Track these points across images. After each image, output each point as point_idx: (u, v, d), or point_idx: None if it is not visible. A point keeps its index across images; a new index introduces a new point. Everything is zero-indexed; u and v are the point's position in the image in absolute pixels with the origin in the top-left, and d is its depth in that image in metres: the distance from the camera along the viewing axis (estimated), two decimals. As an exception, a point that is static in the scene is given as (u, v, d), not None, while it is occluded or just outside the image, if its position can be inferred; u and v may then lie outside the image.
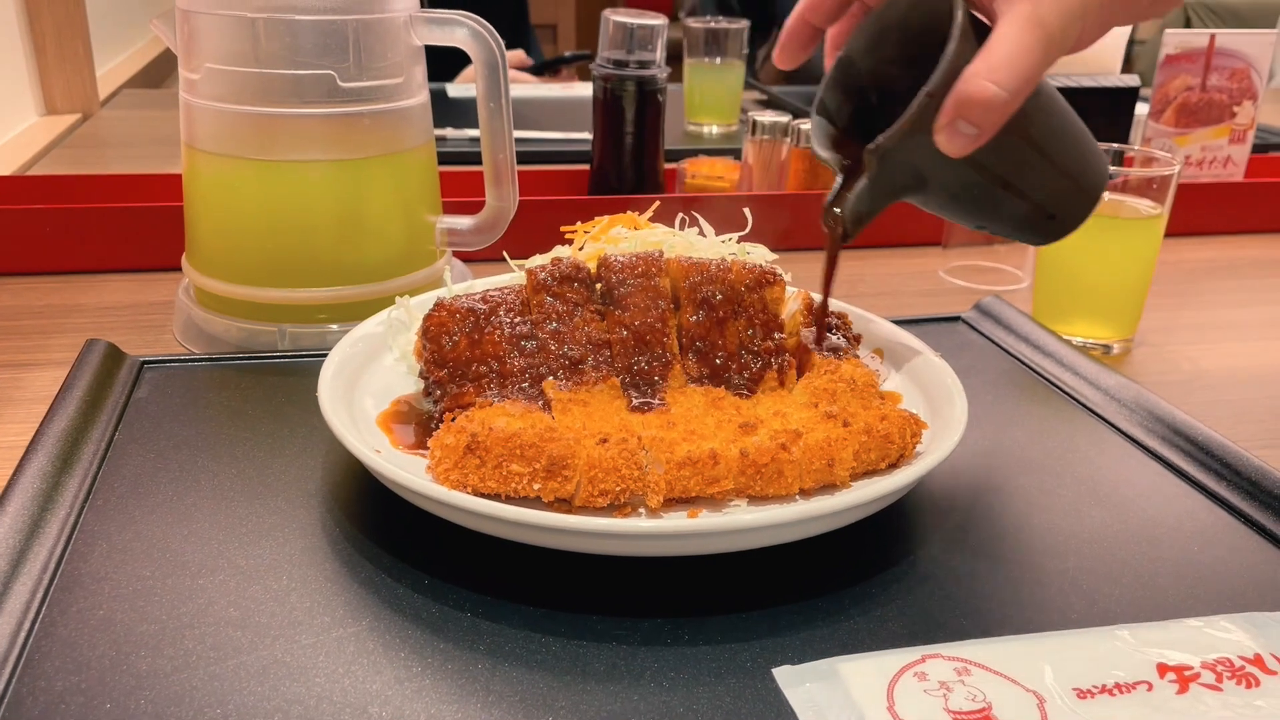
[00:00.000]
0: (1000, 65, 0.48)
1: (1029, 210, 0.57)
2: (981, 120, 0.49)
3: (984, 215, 0.58)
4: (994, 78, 0.48)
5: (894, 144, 0.51)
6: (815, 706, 0.42)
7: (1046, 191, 0.56)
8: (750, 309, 0.63)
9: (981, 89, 0.48)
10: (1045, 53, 0.49)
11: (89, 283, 0.89)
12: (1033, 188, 0.56)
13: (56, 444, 0.57)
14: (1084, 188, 0.58)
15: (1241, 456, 0.60)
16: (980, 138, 0.49)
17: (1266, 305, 0.95)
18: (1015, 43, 0.48)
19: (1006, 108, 0.49)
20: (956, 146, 0.50)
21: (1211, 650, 0.46)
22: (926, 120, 0.50)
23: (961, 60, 0.49)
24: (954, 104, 0.49)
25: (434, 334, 0.61)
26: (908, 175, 0.53)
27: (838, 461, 0.53)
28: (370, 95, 0.71)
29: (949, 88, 0.49)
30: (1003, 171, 0.54)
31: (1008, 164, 0.54)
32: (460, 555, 0.51)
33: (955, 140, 0.50)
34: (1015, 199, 0.56)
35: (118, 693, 0.42)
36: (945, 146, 0.50)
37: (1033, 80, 0.49)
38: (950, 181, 0.54)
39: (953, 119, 0.49)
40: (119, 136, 1.42)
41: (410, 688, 0.43)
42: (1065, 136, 0.56)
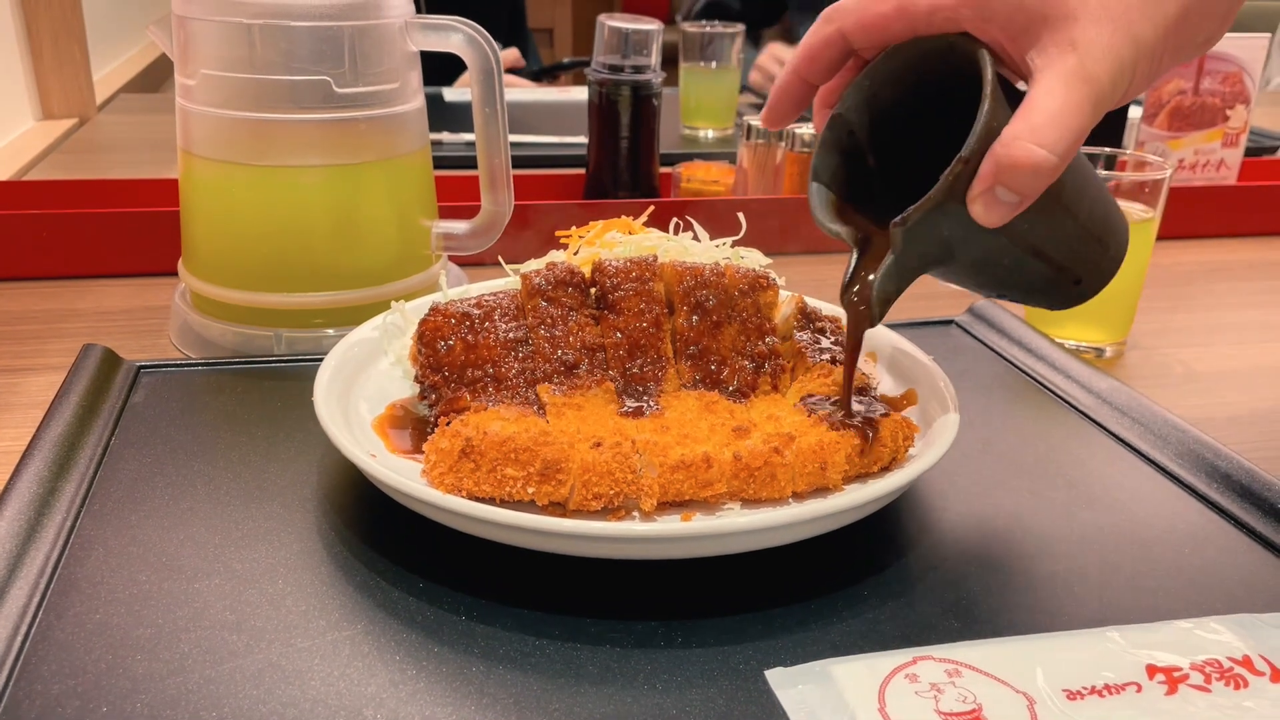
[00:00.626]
0: (1046, 125, 0.43)
1: (1055, 277, 0.54)
2: (1024, 187, 0.44)
3: (1010, 285, 0.55)
4: (1039, 139, 0.43)
5: (924, 216, 0.47)
6: (807, 708, 0.43)
7: (1075, 257, 0.53)
8: (744, 313, 0.63)
9: (1027, 153, 0.44)
10: (1095, 111, 0.44)
11: (85, 288, 0.89)
12: (1062, 254, 0.52)
13: (53, 449, 0.57)
14: (1110, 250, 0.55)
15: (1233, 459, 0.61)
16: (1020, 206, 0.45)
17: (1259, 308, 0.95)
18: (1063, 100, 0.44)
19: (1053, 172, 0.45)
20: (995, 216, 0.46)
21: (1200, 652, 0.46)
22: (960, 189, 0.46)
23: (996, 121, 0.45)
24: (993, 170, 0.44)
25: (429, 338, 0.61)
26: (936, 248, 0.49)
27: (830, 465, 0.53)
28: (366, 101, 0.71)
29: (984, 152, 0.45)
30: (1035, 239, 0.50)
31: (1041, 231, 0.50)
32: (455, 559, 0.51)
33: (994, 209, 0.45)
34: (1044, 266, 0.52)
35: (114, 696, 0.42)
36: (982, 216, 0.46)
37: (1080, 141, 0.45)
38: (979, 251, 0.50)
39: (991, 186, 0.45)
40: (115, 141, 1.42)
41: (405, 690, 0.43)
42: (1093, 197, 0.53)
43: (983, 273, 0.53)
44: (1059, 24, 0.45)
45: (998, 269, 0.52)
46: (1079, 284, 0.55)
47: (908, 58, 0.50)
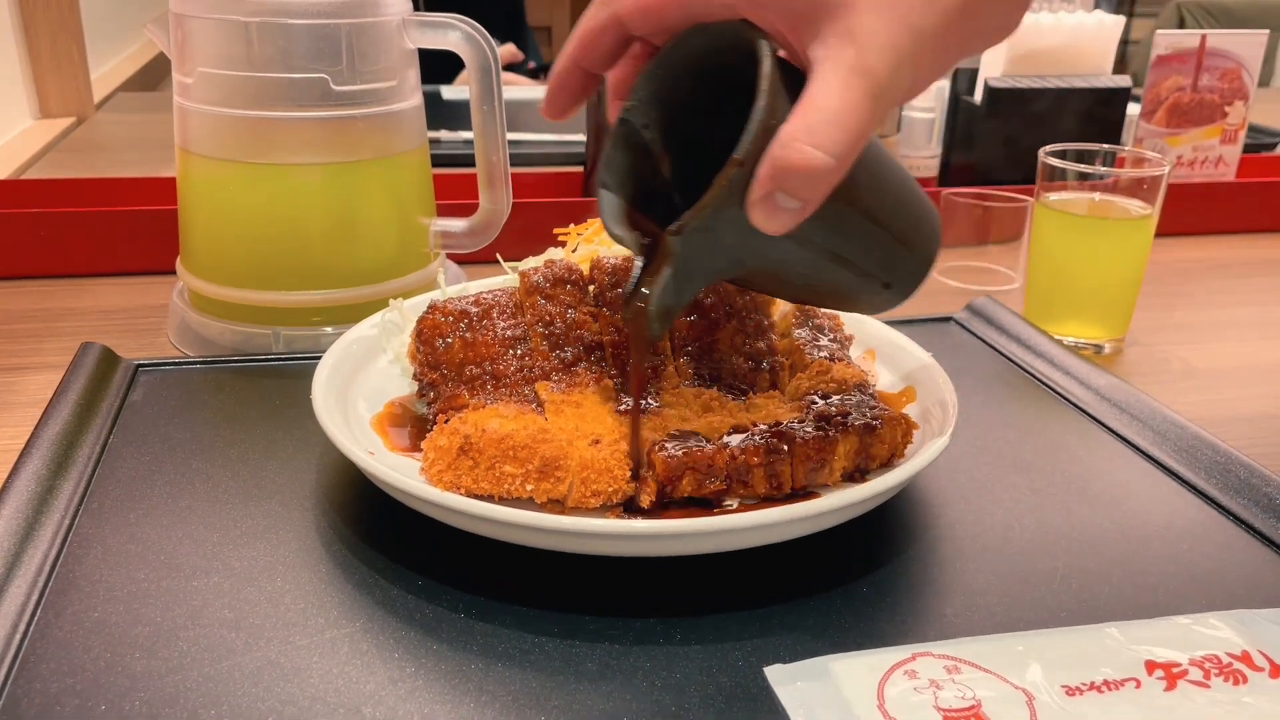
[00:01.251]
0: (823, 126, 0.40)
1: (860, 283, 0.50)
2: (804, 192, 0.41)
3: (813, 292, 0.51)
4: (816, 141, 0.40)
5: (700, 223, 0.42)
6: (806, 705, 0.43)
7: (878, 261, 0.50)
8: (742, 311, 0.63)
9: (804, 156, 0.40)
10: (874, 107, 0.41)
11: (83, 286, 0.89)
12: (863, 258, 0.49)
13: (51, 447, 0.57)
14: (920, 251, 0.51)
15: (1232, 455, 0.61)
16: (803, 211, 0.42)
17: (1258, 305, 0.95)
18: (840, 98, 0.40)
19: (832, 176, 0.41)
20: (776, 223, 0.42)
21: (1200, 647, 0.46)
22: (737, 193, 0.41)
23: (774, 119, 0.41)
24: (770, 174, 0.40)
25: (427, 336, 0.61)
26: (719, 257, 0.45)
27: (829, 462, 0.53)
28: (363, 99, 0.71)
29: (761, 153, 0.41)
30: (830, 244, 0.47)
31: (835, 236, 0.46)
32: (453, 557, 0.51)
33: (774, 216, 0.41)
34: (845, 272, 0.49)
35: (112, 694, 0.42)
36: (762, 224, 0.42)
37: (862, 141, 0.41)
38: (770, 259, 0.46)
39: (769, 192, 0.41)
40: (114, 140, 1.42)
41: (404, 688, 0.43)
42: (896, 196, 0.49)
43: (780, 281, 0.50)
44: (837, 12, 0.41)
45: (794, 277, 0.49)
46: (888, 288, 0.52)
47: (697, 46, 0.45)
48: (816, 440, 0.53)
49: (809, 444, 0.53)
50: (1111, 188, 0.79)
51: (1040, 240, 0.82)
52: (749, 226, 0.42)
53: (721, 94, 0.46)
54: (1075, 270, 0.81)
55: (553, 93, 0.49)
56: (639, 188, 0.48)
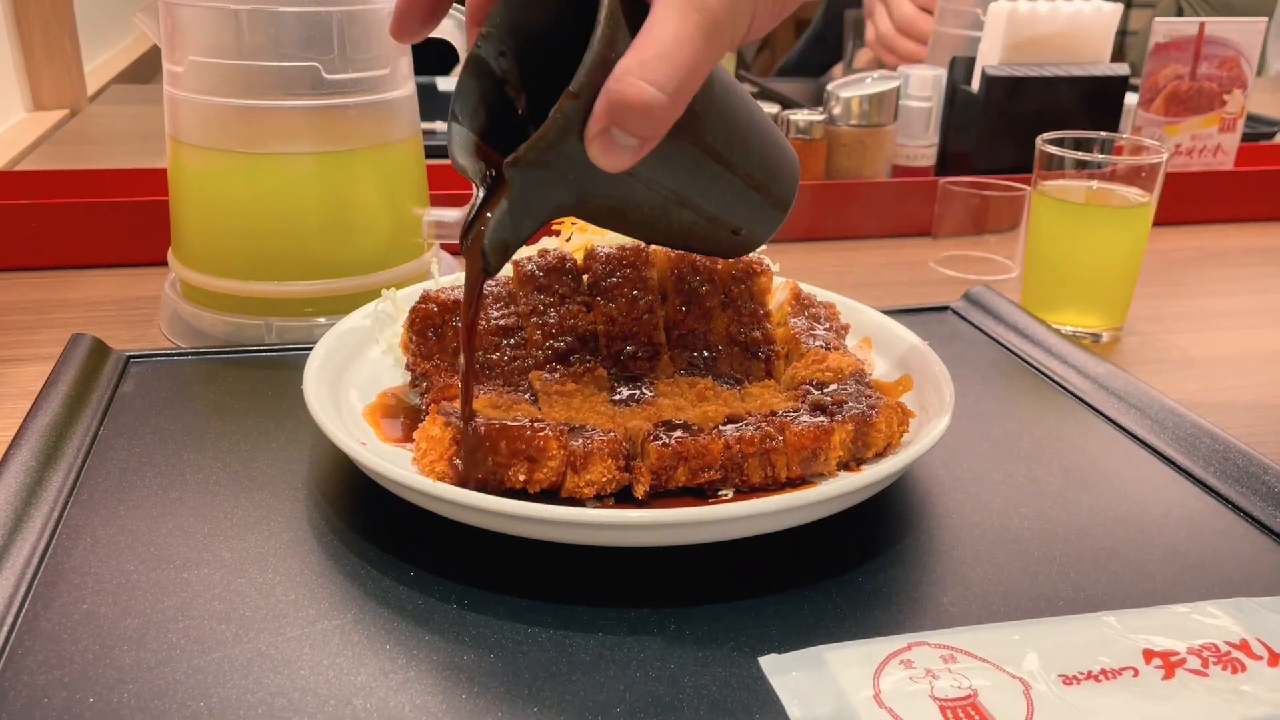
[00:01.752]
0: (656, 60, 0.39)
1: (708, 227, 0.49)
2: (639, 128, 0.40)
3: (661, 232, 0.50)
4: (648, 75, 0.39)
5: (537, 156, 0.42)
6: (801, 695, 0.42)
7: (727, 205, 0.49)
8: (737, 300, 0.63)
9: (636, 90, 0.39)
10: (709, 43, 0.40)
11: (75, 278, 0.88)
12: (711, 202, 0.48)
13: (41, 439, 0.57)
14: (773, 196, 0.50)
15: (1230, 444, 0.60)
16: (641, 149, 0.41)
17: (1256, 294, 0.95)
18: (675, 31, 0.39)
19: (667, 112, 0.40)
20: (613, 160, 0.41)
21: (1198, 636, 0.46)
22: (574, 126, 0.41)
23: (613, 51, 0.40)
24: (605, 109, 0.40)
25: (420, 326, 0.60)
26: (559, 191, 0.44)
27: (825, 451, 0.53)
28: (356, 87, 0.71)
29: (599, 86, 0.40)
30: (674, 185, 0.46)
31: (679, 177, 0.45)
32: (446, 547, 0.51)
33: (611, 153, 0.41)
34: (692, 214, 0.48)
35: (100, 687, 0.42)
36: (600, 160, 0.41)
37: (697, 77, 0.40)
38: (612, 197, 0.46)
39: (605, 127, 0.40)
40: (107, 132, 1.42)
41: (395, 680, 0.43)
42: (747, 140, 0.48)
43: (624, 219, 0.48)
44: None
45: (639, 216, 0.48)
46: (737, 234, 0.51)
47: None
48: (812, 429, 0.53)
49: (804, 433, 0.53)
50: (1109, 176, 0.79)
51: (1038, 228, 0.81)
52: (588, 162, 0.41)
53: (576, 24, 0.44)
54: (1073, 258, 0.80)
55: (401, 11, 0.47)
56: (491, 119, 0.47)
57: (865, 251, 1.02)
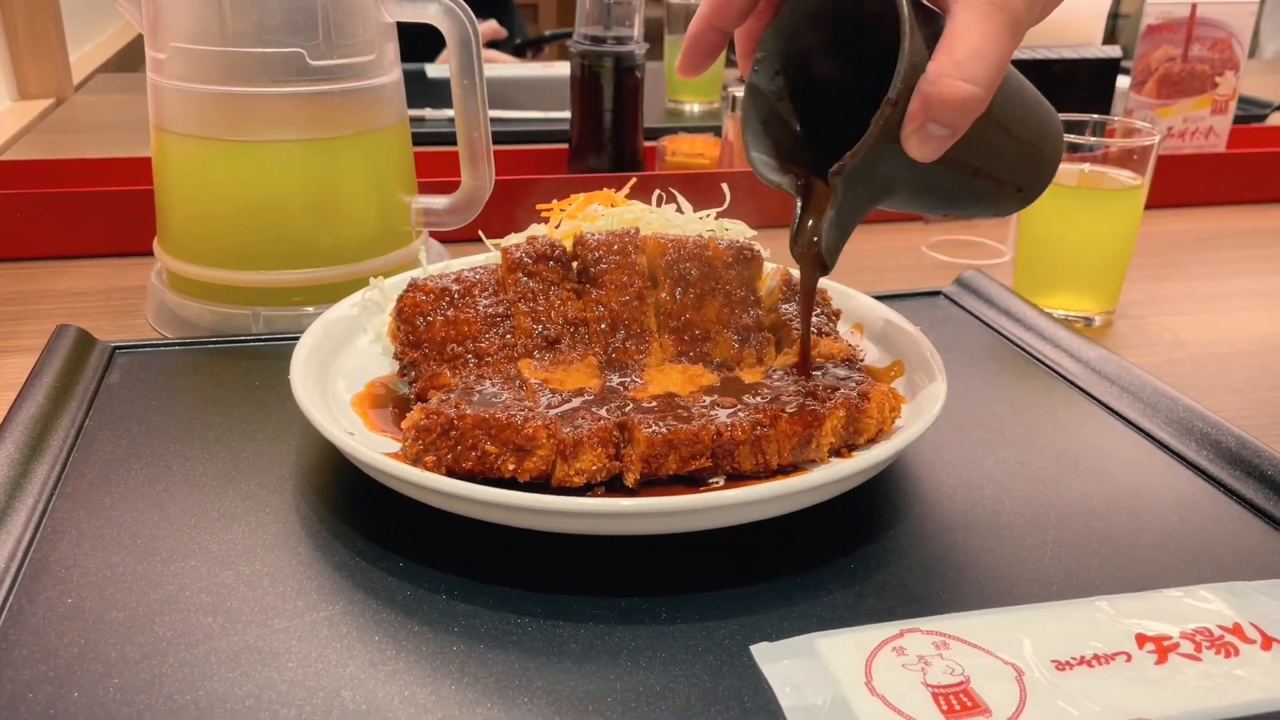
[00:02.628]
0: (969, 60, 0.43)
1: (997, 190, 0.54)
2: (955, 121, 0.45)
3: (954, 204, 0.55)
4: (964, 74, 0.43)
5: (860, 162, 0.47)
6: (793, 683, 0.42)
7: (1015, 168, 0.54)
8: (729, 286, 0.62)
9: (954, 89, 0.43)
10: (1013, 38, 0.45)
11: (61, 268, 0.87)
12: (1001, 169, 0.53)
13: (25, 430, 0.56)
14: (1048, 155, 0.55)
15: (1222, 426, 0.60)
16: (953, 137, 0.45)
17: (1247, 277, 0.94)
18: (982, 32, 0.44)
19: (980, 104, 0.45)
20: (929, 151, 0.46)
21: (1191, 620, 0.45)
22: (892, 130, 0.46)
23: (919, 57, 0.45)
24: (923, 108, 0.44)
25: (408, 314, 0.60)
26: (875, 188, 0.50)
27: (816, 437, 0.53)
28: (341, 73, 0.70)
29: (911, 90, 0.45)
30: (974, 161, 0.51)
31: (979, 153, 0.50)
32: (434, 537, 0.50)
33: (928, 145, 0.45)
34: (985, 182, 0.53)
35: (86, 681, 0.41)
36: (917, 153, 0.46)
37: (1004, 69, 0.45)
38: (919, 183, 0.51)
39: (922, 124, 0.45)
40: (93, 121, 1.40)
41: (384, 671, 0.43)
42: (1026, 108, 0.52)
43: (926, 200, 0.54)
44: None
45: (940, 194, 0.53)
46: (1020, 191, 0.55)
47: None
48: (803, 416, 0.52)
49: (796, 420, 0.52)
50: (1101, 158, 0.78)
51: (1029, 212, 0.81)
52: (902, 157, 0.46)
53: (845, 42, 0.51)
54: (1065, 242, 0.80)
55: (688, 51, 0.53)
56: (779, 132, 0.53)
57: (856, 237, 1.01)
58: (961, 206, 0.56)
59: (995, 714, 0.40)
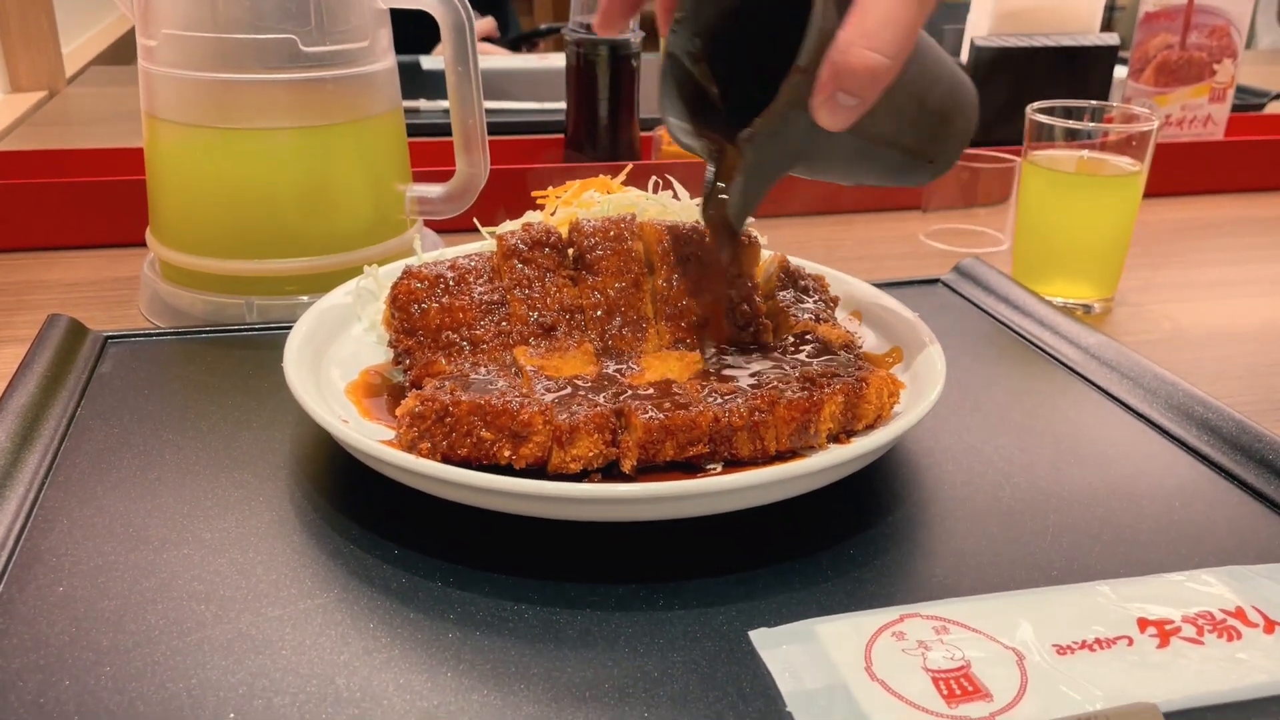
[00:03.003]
0: (878, 29, 0.43)
1: (909, 161, 0.54)
2: (864, 91, 0.44)
3: (866, 174, 0.55)
4: (873, 44, 0.43)
5: (770, 128, 0.47)
6: (792, 668, 0.42)
7: (926, 139, 0.53)
8: (726, 273, 0.62)
9: (862, 59, 0.43)
10: (921, 7, 0.44)
11: (53, 259, 0.87)
12: (912, 139, 0.53)
13: (16, 420, 0.56)
14: (960, 126, 0.55)
15: (1222, 412, 0.60)
16: (863, 106, 0.45)
17: (1246, 264, 0.94)
18: (891, 2, 0.44)
19: (890, 74, 0.44)
20: (839, 120, 0.46)
21: (1193, 604, 0.45)
22: (801, 98, 0.45)
23: (830, 24, 0.44)
24: (832, 77, 0.44)
25: (403, 302, 0.59)
26: (785, 154, 0.50)
27: (814, 423, 0.52)
28: (334, 60, 0.69)
29: (820, 58, 0.44)
30: (883, 131, 0.51)
31: (888, 123, 0.50)
32: (429, 525, 0.50)
33: (837, 115, 0.45)
34: (895, 153, 0.53)
35: (77, 669, 0.41)
36: (826, 122, 0.46)
37: (914, 39, 0.45)
38: (829, 151, 0.51)
39: (831, 93, 0.45)
40: (86, 113, 1.40)
41: (379, 658, 0.42)
42: (938, 79, 0.52)
43: (837, 168, 0.54)
44: None
45: (851, 163, 0.53)
46: (932, 163, 0.55)
47: None
48: (801, 402, 0.52)
49: (794, 406, 0.52)
50: (1100, 145, 0.78)
51: (1028, 199, 0.81)
52: (812, 124, 0.46)
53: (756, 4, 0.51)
54: (1064, 228, 0.79)
55: (604, 9, 0.53)
56: (696, 96, 0.53)
57: (854, 226, 1.01)
58: (874, 176, 0.56)
59: (996, 698, 0.40)
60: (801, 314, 0.62)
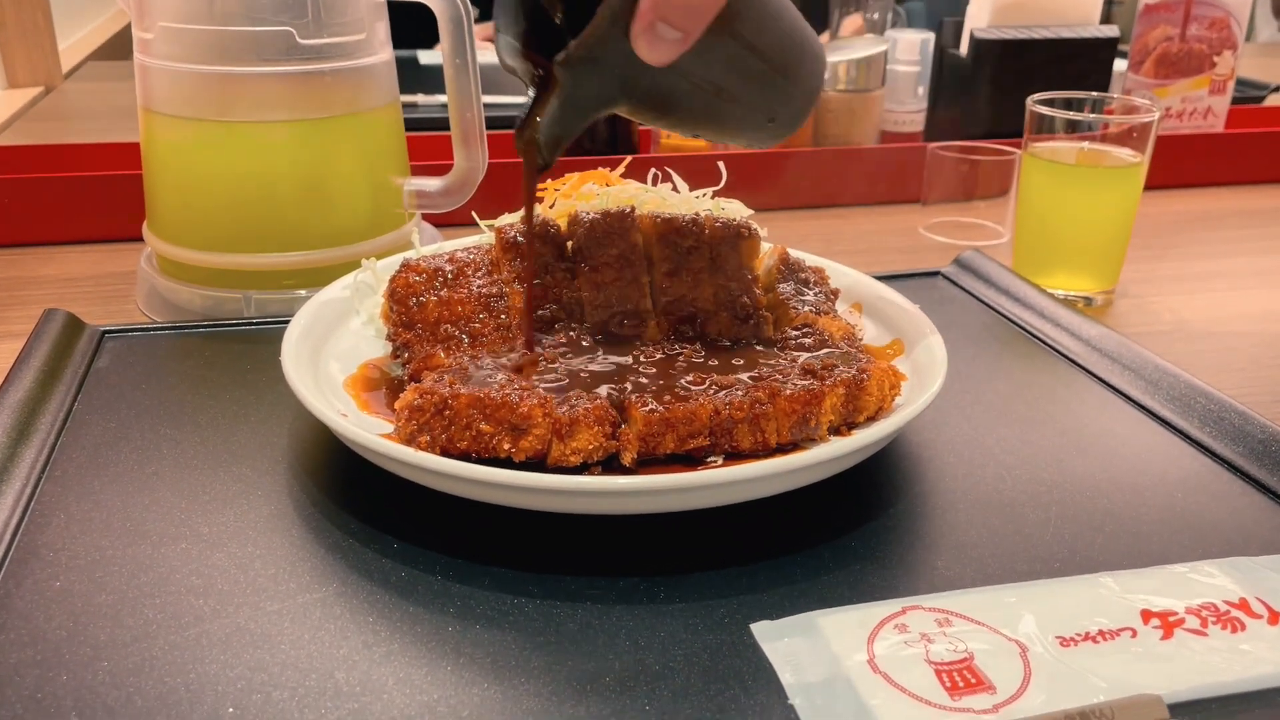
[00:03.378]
0: None
1: (745, 115, 0.51)
2: (684, 22, 0.42)
3: (698, 124, 0.52)
4: None
5: (585, 53, 0.44)
6: (794, 661, 0.41)
7: (763, 93, 0.51)
8: (725, 264, 0.61)
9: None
10: None
11: (50, 254, 0.86)
12: (748, 91, 0.50)
13: (12, 414, 0.55)
14: (803, 84, 0.52)
15: (1225, 403, 0.60)
16: (684, 42, 0.43)
17: (1247, 256, 0.94)
18: None
19: (712, 9, 0.42)
20: (658, 54, 0.43)
21: (1196, 595, 0.45)
22: (620, 23, 0.43)
23: None
24: (652, 6, 0.42)
25: (401, 295, 0.59)
26: (606, 86, 0.47)
27: (815, 415, 0.52)
28: (331, 52, 0.69)
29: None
30: (713, 77, 0.48)
31: (718, 68, 0.48)
32: (429, 518, 0.50)
33: (656, 47, 0.43)
34: (730, 104, 0.50)
35: (75, 664, 0.41)
36: (645, 54, 0.43)
37: None
38: (655, 91, 0.48)
39: (651, 22, 0.42)
40: (82, 108, 1.39)
41: (378, 652, 0.42)
42: (778, 30, 0.50)
43: (665, 112, 0.51)
44: None
45: (679, 109, 0.50)
46: (773, 121, 0.53)
47: None
48: (802, 394, 0.52)
49: (795, 398, 0.51)
50: (1101, 137, 0.78)
51: (1028, 191, 0.80)
52: (634, 59, 0.44)
53: None
54: (1064, 220, 0.79)
55: None
56: (531, 26, 0.50)
57: (854, 219, 1.01)
58: (711, 128, 0.53)
59: (999, 690, 0.39)
60: (802, 306, 0.62)
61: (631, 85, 0.47)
